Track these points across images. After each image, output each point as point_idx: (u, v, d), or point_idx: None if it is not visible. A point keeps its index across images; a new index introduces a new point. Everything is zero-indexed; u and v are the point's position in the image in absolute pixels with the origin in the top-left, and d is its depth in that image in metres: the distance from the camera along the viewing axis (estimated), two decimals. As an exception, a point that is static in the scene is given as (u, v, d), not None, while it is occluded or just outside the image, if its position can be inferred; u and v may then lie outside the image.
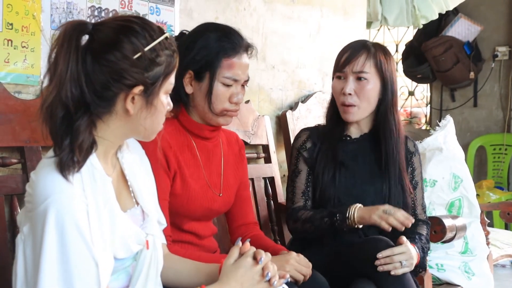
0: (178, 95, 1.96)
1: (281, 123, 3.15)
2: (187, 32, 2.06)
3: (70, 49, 1.36)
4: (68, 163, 1.33)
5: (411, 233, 2.24)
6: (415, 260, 2.08)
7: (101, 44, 1.38)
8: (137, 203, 1.56)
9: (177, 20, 2.59)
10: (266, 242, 2.15)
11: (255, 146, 2.95)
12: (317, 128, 2.43)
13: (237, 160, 2.21)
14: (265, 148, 2.97)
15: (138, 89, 1.39)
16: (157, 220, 1.65)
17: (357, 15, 3.76)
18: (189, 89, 1.99)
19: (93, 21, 2.23)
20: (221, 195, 2.08)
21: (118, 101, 1.41)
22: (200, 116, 2.02)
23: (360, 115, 2.29)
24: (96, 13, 2.27)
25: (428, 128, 5.87)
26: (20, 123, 1.93)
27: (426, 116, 6.27)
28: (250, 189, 2.75)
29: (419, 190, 2.40)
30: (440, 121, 3.31)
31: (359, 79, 2.24)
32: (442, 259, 2.99)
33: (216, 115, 1.99)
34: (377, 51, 2.27)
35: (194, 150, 2.04)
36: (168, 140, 1.94)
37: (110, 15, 2.31)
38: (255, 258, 1.56)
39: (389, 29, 5.95)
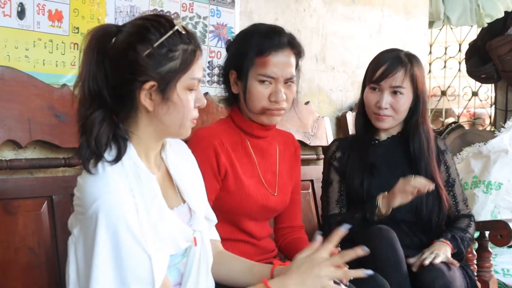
0: (228, 95, 2.04)
1: (341, 125, 3.13)
2: None
3: (91, 51, 1.41)
4: (88, 157, 1.36)
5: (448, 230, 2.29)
6: (448, 252, 2.15)
7: (119, 44, 1.41)
8: (184, 201, 1.57)
9: (237, 22, 2.61)
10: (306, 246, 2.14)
11: (314, 148, 2.94)
12: (347, 138, 2.51)
13: (292, 160, 2.21)
14: (325, 149, 2.95)
15: (149, 85, 1.39)
16: (205, 216, 1.66)
17: (419, 14, 3.69)
18: (235, 89, 2.01)
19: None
20: (275, 194, 2.08)
21: (138, 99, 1.42)
22: (249, 116, 2.02)
23: (393, 123, 2.35)
24: (158, 16, 2.30)
25: (492, 129, 5.70)
26: (86, 125, 1.98)
27: (490, 117, 6.09)
28: (310, 190, 2.76)
29: (458, 186, 2.42)
30: (505, 122, 3.23)
31: (394, 93, 2.29)
32: (509, 264, 2.92)
33: (258, 114, 1.98)
34: (412, 65, 2.30)
35: (248, 148, 2.04)
36: (220, 138, 1.95)
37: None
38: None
39: (451, 28, 5.82)
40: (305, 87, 2.97)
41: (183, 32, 1.42)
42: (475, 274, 2.42)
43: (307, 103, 2.87)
